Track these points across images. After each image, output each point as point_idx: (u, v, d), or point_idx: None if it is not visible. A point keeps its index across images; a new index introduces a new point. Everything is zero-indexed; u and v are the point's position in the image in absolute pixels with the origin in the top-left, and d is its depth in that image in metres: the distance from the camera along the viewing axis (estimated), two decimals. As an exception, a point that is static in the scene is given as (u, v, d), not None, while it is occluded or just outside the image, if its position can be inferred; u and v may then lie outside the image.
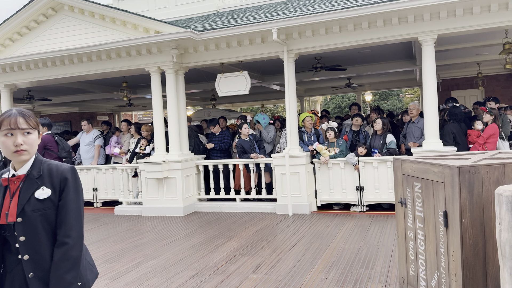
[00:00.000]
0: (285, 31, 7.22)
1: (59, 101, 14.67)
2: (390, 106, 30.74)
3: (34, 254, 1.93)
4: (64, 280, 1.91)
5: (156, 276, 4.62)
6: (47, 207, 1.94)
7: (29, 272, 1.93)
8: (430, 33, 6.66)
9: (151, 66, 8.10)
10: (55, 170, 1.99)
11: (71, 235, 1.94)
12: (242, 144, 8.13)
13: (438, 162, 3.04)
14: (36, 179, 1.96)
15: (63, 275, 1.91)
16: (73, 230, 1.96)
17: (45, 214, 1.93)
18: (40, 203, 1.93)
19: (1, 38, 8.63)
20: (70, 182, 1.99)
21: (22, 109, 2.02)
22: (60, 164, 2.04)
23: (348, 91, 15.72)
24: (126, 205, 8.70)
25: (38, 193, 1.94)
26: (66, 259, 1.92)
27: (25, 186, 1.96)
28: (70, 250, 1.93)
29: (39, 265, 1.94)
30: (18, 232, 1.92)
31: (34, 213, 1.92)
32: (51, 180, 1.97)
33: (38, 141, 2.02)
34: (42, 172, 1.98)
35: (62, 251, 1.92)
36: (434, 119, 6.74)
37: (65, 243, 1.93)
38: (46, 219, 1.94)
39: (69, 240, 1.94)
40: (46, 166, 2.01)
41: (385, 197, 7.18)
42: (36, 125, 2.00)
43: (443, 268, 3.00)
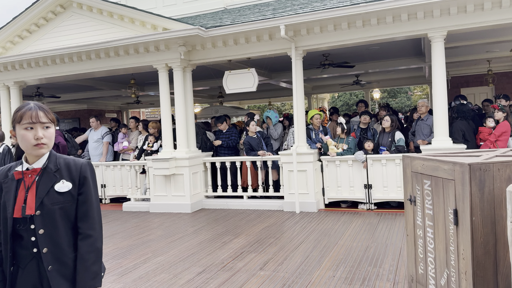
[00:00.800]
0: (293, 28, 7.19)
1: (67, 98, 14.77)
2: (398, 103, 30.55)
3: (53, 247, 1.95)
4: (91, 271, 1.97)
5: (164, 272, 4.64)
6: (66, 200, 1.97)
7: (48, 265, 1.94)
8: (440, 29, 6.58)
9: (159, 63, 8.12)
10: (73, 165, 2.02)
11: (95, 228, 2.01)
12: (249, 141, 8.12)
13: (448, 160, 3.00)
14: (54, 173, 1.98)
15: (90, 266, 1.96)
16: (96, 223, 2.03)
17: (64, 207, 1.97)
18: (60, 196, 1.96)
19: (10, 36, 8.69)
20: (89, 176, 2.03)
21: (39, 103, 2.03)
22: (77, 159, 2.07)
23: (356, 88, 15.61)
24: (134, 201, 8.74)
25: (58, 186, 1.96)
26: (92, 251, 1.98)
27: (43, 179, 1.97)
28: (95, 242, 2.00)
29: (57, 258, 1.96)
30: (37, 225, 1.93)
31: (54, 206, 1.94)
32: (70, 174, 2.00)
33: (54, 135, 2.04)
34: (59, 165, 2.00)
35: (88, 243, 1.98)
36: (443, 116, 6.67)
37: (90, 235, 1.99)
38: (65, 212, 1.97)
39: (94, 232, 2.00)
40: (63, 160, 2.03)
41: (393, 195, 7.13)
42: (53, 119, 2.02)
43: (453, 266, 2.97)
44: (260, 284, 4.15)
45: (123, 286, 4.31)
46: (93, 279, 1.98)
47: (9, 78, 9.39)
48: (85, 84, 11.54)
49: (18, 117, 1.96)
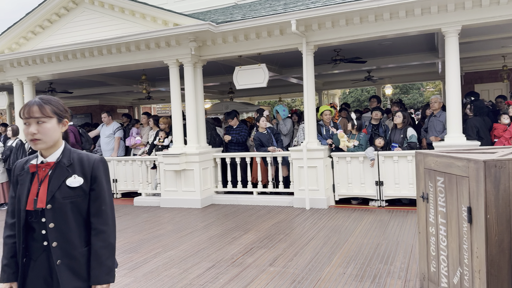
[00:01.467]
0: (304, 23, 7.13)
1: (80, 94, 14.90)
2: (410, 100, 30.23)
3: (63, 241, 1.96)
4: (106, 266, 1.98)
5: (174, 267, 4.65)
6: (78, 195, 1.97)
7: (57, 259, 1.95)
8: (454, 24, 6.47)
9: (170, 59, 8.12)
10: (86, 160, 2.02)
11: (108, 223, 2.01)
12: (259, 137, 8.09)
13: (462, 156, 2.94)
14: (67, 167, 1.99)
15: (104, 261, 1.97)
16: (109, 218, 2.03)
17: (75, 202, 1.97)
18: (72, 190, 1.97)
19: (24, 32, 8.78)
20: (102, 172, 2.03)
21: (45, 96, 2.02)
22: (90, 154, 2.07)
23: (368, 84, 15.48)
24: (145, 196, 8.79)
25: (70, 181, 1.97)
26: (106, 246, 1.99)
27: (55, 173, 1.98)
28: (108, 237, 2.00)
29: (67, 252, 1.96)
30: (48, 219, 1.94)
31: (65, 200, 1.95)
32: (83, 169, 2.00)
33: (57, 129, 2.00)
34: (72, 160, 2.01)
35: (102, 238, 1.98)
36: (457, 113, 6.57)
37: (104, 231, 1.99)
38: (76, 206, 1.98)
39: (107, 228, 2.00)
40: (76, 155, 2.03)
41: (405, 192, 7.05)
42: (51, 113, 1.97)
43: (466, 265, 2.92)
44: (269, 280, 4.14)
45: (134, 280, 4.33)
46: (107, 274, 1.99)
47: (22, 74, 9.49)
48: (97, 80, 11.63)
49: (20, 113, 2.00)
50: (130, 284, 4.22)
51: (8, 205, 2.10)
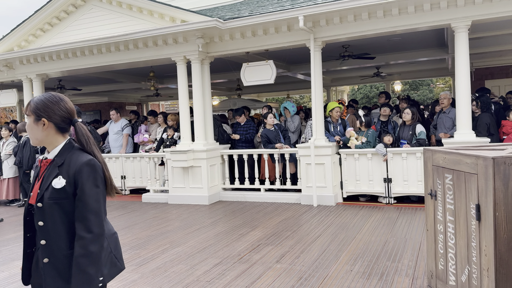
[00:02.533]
0: (312, 19, 7.08)
1: (89, 91, 14.99)
2: (420, 96, 29.95)
3: (50, 240, 1.95)
4: (85, 274, 1.88)
5: (181, 263, 4.67)
6: (62, 197, 1.92)
7: (43, 257, 1.96)
8: (463, 19, 6.38)
9: (177, 56, 8.13)
10: (74, 162, 1.95)
11: (91, 230, 1.90)
12: (267, 134, 8.08)
13: (471, 153, 2.91)
14: (58, 167, 1.96)
15: (84, 269, 1.88)
16: (92, 225, 1.90)
17: (60, 203, 1.92)
18: (56, 192, 1.92)
19: (33, 29, 8.84)
20: (85, 176, 1.92)
21: (39, 96, 2.02)
22: (81, 155, 1.97)
23: (377, 80, 15.36)
24: (153, 193, 8.84)
25: (55, 182, 1.93)
26: (84, 254, 1.88)
27: (48, 172, 1.98)
28: (89, 245, 1.89)
29: (53, 252, 1.95)
30: (37, 217, 1.96)
31: (50, 201, 1.92)
32: (68, 170, 1.94)
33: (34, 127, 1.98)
34: (64, 160, 1.97)
35: (80, 245, 1.89)
36: (466, 109, 6.49)
37: (83, 237, 1.89)
38: (62, 208, 1.93)
39: (88, 235, 1.89)
40: (70, 155, 1.98)
41: (413, 189, 7.00)
42: (30, 112, 1.98)
43: (475, 263, 2.89)
44: (276, 277, 4.14)
45: (141, 276, 4.36)
46: (87, 283, 1.89)
47: (31, 71, 9.57)
48: (105, 77, 11.69)
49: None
50: (137, 280, 4.24)
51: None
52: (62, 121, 1.99)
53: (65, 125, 2.02)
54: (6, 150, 9.10)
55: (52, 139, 2.00)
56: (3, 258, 5.23)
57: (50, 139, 2.00)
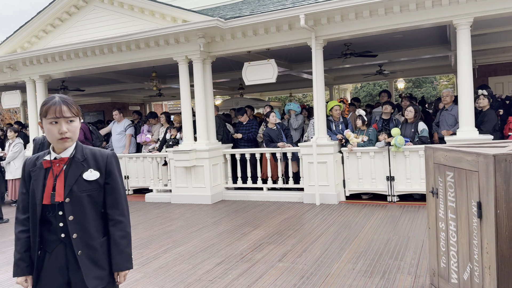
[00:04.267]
0: (313, 17, 7.07)
1: (92, 92, 15.05)
2: (423, 93, 29.82)
3: (82, 232, 2.05)
4: (125, 254, 2.11)
5: (184, 263, 4.68)
6: (94, 188, 2.07)
7: (78, 250, 2.04)
8: (465, 16, 6.35)
9: (179, 56, 8.14)
10: (100, 155, 2.12)
11: (125, 214, 2.15)
12: (269, 133, 8.08)
13: (472, 150, 2.89)
14: (82, 162, 2.08)
15: (124, 249, 2.11)
16: (125, 209, 2.16)
17: (91, 194, 2.07)
18: (88, 184, 2.06)
19: (35, 30, 8.88)
20: (115, 166, 2.15)
21: (65, 96, 2.08)
22: (103, 150, 2.17)
23: (380, 78, 15.32)
24: (156, 192, 8.86)
25: (86, 175, 2.06)
26: (124, 235, 2.12)
27: (71, 168, 2.06)
28: (126, 227, 2.14)
29: (86, 243, 2.06)
30: (67, 212, 2.02)
31: (82, 193, 2.04)
32: (97, 164, 2.10)
33: (79, 129, 2.12)
34: (85, 156, 2.10)
35: (120, 228, 2.12)
36: (469, 106, 6.46)
37: (121, 221, 2.12)
38: (93, 199, 2.08)
39: (124, 218, 2.14)
40: (89, 151, 2.13)
41: (416, 187, 6.98)
42: (78, 112, 2.10)
43: (476, 260, 2.88)
44: (278, 275, 4.14)
45: (144, 275, 4.37)
46: (128, 261, 2.12)
47: (34, 72, 9.62)
48: (108, 78, 11.73)
49: (43, 112, 2.03)
50: (140, 280, 4.26)
51: (18, 201, 2.15)
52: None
53: None
54: (12, 151, 9.14)
55: None
56: (7, 259, 5.26)
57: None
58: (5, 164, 9.25)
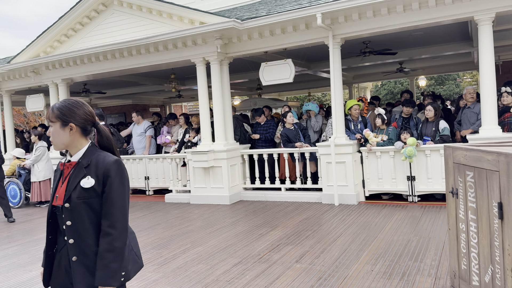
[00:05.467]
0: (330, 16, 7.01)
1: (113, 94, 15.32)
2: (446, 91, 29.21)
3: (78, 239, 2.02)
4: (109, 269, 1.97)
5: (201, 263, 4.71)
6: (91, 196, 2.01)
7: (72, 255, 2.03)
8: (487, 11, 6.18)
9: (197, 57, 8.21)
10: (101, 162, 2.04)
11: (115, 227, 1.99)
12: (286, 133, 8.05)
13: (492, 150, 2.82)
14: (84, 168, 2.04)
15: (108, 264, 1.97)
16: (118, 221, 2.00)
17: (89, 202, 2.01)
18: (85, 191, 2.00)
19: (57, 35, 9.10)
20: (113, 174, 2.02)
21: (62, 101, 2.11)
22: (107, 156, 2.07)
23: (400, 76, 15.06)
24: (175, 193, 8.95)
25: (83, 182, 2.01)
26: (110, 249, 1.97)
27: (74, 173, 2.06)
28: (114, 241, 1.98)
29: (82, 250, 2.02)
30: (65, 217, 2.03)
31: (79, 200, 2.00)
32: (96, 170, 2.03)
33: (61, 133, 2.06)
34: (90, 161, 2.05)
35: (107, 241, 1.98)
36: (492, 104, 6.29)
37: (110, 233, 1.98)
38: (90, 207, 2.01)
39: (114, 231, 1.99)
40: (96, 156, 2.07)
41: (438, 187, 6.83)
42: (55, 118, 2.05)
43: (498, 262, 2.80)
44: (295, 276, 4.12)
45: (162, 275, 4.42)
46: (111, 277, 1.97)
47: (57, 76, 9.86)
48: (129, 80, 11.91)
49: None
50: (158, 280, 4.31)
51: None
52: (87, 124, 2.09)
53: (89, 128, 2.12)
54: (35, 155, 9.38)
55: (77, 143, 2.09)
56: (31, 258, 5.41)
57: (75, 143, 2.09)
58: (28, 167, 9.50)
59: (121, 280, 2.02)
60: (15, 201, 9.47)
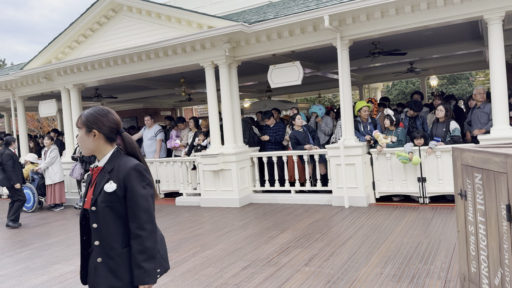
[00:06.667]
0: (337, 17, 7.00)
1: (124, 98, 15.47)
2: (459, 90, 28.85)
3: (103, 241, 2.12)
4: (143, 269, 2.07)
5: (211, 266, 4.74)
6: (113, 199, 2.10)
7: (97, 257, 2.13)
8: (496, 10, 6.11)
9: (205, 61, 8.26)
10: (122, 166, 2.14)
11: (144, 228, 2.09)
12: (295, 135, 8.05)
13: (500, 151, 2.78)
14: (108, 173, 2.14)
15: (141, 263, 2.07)
16: (145, 223, 2.09)
17: (112, 206, 2.10)
18: (108, 195, 2.11)
19: (68, 41, 9.24)
20: (133, 178, 2.11)
21: (89, 110, 2.23)
22: (129, 161, 2.17)
23: (411, 76, 14.94)
24: (186, 196, 9.00)
25: (106, 186, 2.12)
26: (141, 250, 2.07)
27: (99, 178, 2.17)
28: (144, 241, 2.08)
29: (106, 252, 2.12)
30: (92, 219, 2.15)
31: (102, 204, 2.11)
32: (118, 175, 2.13)
33: (86, 139, 2.18)
34: (114, 166, 2.16)
35: (138, 242, 2.08)
36: (503, 103, 6.21)
37: (139, 235, 2.08)
38: (114, 210, 2.11)
39: (142, 232, 2.08)
40: (119, 161, 2.17)
41: (449, 188, 6.76)
42: (81, 124, 2.20)
43: (507, 265, 2.76)
44: (304, 280, 4.12)
45: (172, 279, 4.46)
46: (147, 276, 2.08)
47: (68, 81, 10.00)
48: (140, 84, 12.03)
49: None
50: (168, 284, 4.34)
51: None
52: (110, 131, 2.19)
53: (113, 135, 2.21)
54: (50, 157, 9.53)
55: (101, 148, 2.20)
56: (44, 262, 5.49)
57: (100, 148, 2.20)
58: (43, 170, 9.65)
59: (157, 277, 2.13)
60: (28, 205, 9.62)
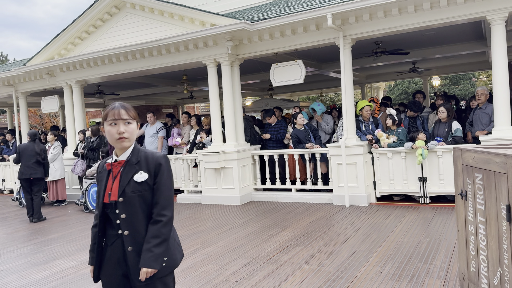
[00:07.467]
0: (340, 16, 7.00)
1: (127, 95, 15.50)
2: (461, 90, 28.79)
3: (133, 230, 2.21)
4: (153, 252, 2.15)
5: (211, 263, 4.76)
6: (144, 189, 2.21)
7: (128, 246, 2.21)
8: (500, 11, 6.10)
9: (208, 59, 8.27)
10: (151, 157, 2.26)
11: (164, 214, 2.20)
12: (297, 134, 8.06)
13: (500, 152, 2.79)
14: (135, 165, 2.24)
15: (151, 247, 2.16)
16: (166, 210, 2.22)
17: (142, 195, 2.21)
18: (138, 185, 2.21)
19: (71, 38, 9.26)
20: (164, 168, 2.25)
21: (123, 103, 2.29)
22: (154, 152, 2.31)
23: (414, 76, 14.91)
24: (187, 193, 9.03)
25: (137, 176, 2.21)
26: (157, 235, 2.17)
27: (125, 170, 2.25)
28: (162, 227, 2.19)
29: (136, 240, 2.21)
30: (120, 210, 2.22)
31: (133, 194, 2.20)
32: (147, 165, 2.24)
33: (136, 131, 2.31)
34: (139, 158, 2.26)
35: (156, 227, 2.18)
36: (505, 104, 6.21)
37: (159, 221, 2.19)
38: (143, 199, 2.22)
39: (163, 218, 2.20)
40: (143, 154, 2.28)
41: (450, 188, 6.76)
42: (135, 116, 2.29)
43: (506, 265, 2.77)
44: (304, 278, 4.13)
45: (172, 275, 4.47)
46: (154, 261, 2.15)
47: (71, 78, 10.03)
48: (142, 81, 12.05)
49: (104, 116, 2.27)
50: (168, 279, 4.36)
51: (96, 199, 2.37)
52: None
53: None
54: (52, 153, 9.56)
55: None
56: (46, 258, 5.52)
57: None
58: None
59: (162, 264, 2.20)
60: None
